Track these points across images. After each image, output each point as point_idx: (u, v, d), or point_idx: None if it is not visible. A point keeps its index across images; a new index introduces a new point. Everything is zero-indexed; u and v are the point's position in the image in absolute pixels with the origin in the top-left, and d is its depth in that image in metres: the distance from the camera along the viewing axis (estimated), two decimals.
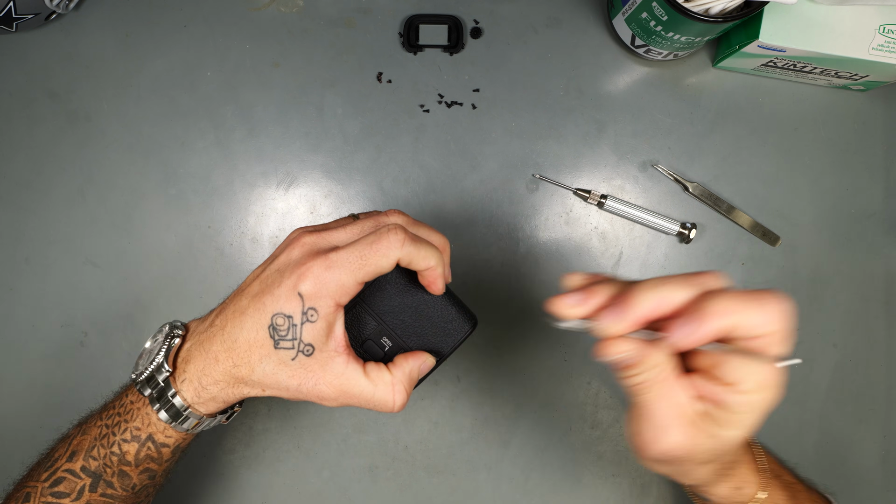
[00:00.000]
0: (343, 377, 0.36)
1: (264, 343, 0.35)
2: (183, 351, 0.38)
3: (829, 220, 0.57)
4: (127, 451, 0.38)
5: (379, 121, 0.57)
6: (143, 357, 0.39)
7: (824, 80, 0.56)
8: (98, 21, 0.56)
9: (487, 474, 0.56)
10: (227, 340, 0.36)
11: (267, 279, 0.36)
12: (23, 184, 0.56)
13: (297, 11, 0.57)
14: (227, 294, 0.39)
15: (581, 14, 0.57)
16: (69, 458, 0.39)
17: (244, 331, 0.36)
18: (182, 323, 0.40)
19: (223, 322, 0.37)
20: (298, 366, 0.36)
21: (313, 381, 0.36)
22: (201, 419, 0.38)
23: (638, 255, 0.57)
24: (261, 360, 0.36)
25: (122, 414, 0.39)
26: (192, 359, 0.37)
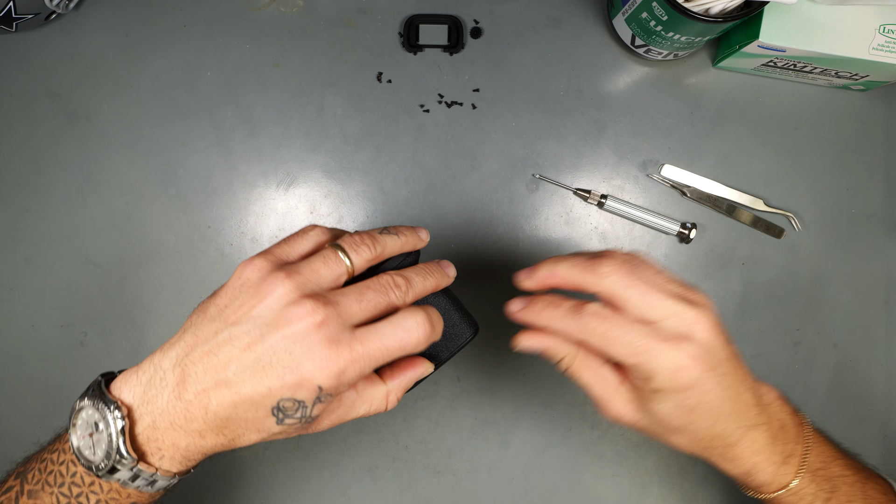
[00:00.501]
0: (339, 410, 0.35)
1: (265, 419, 0.32)
2: (142, 429, 0.32)
3: (829, 220, 0.57)
4: None
5: (379, 121, 0.57)
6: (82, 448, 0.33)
7: (824, 80, 0.56)
8: (98, 21, 0.56)
9: (487, 474, 0.56)
10: (214, 420, 0.31)
11: (263, 356, 0.31)
12: (23, 184, 0.56)
13: (297, 11, 0.57)
14: None
15: (581, 14, 0.57)
16: None
17: (237, 411, 0.31)
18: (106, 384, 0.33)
19: (201, 397, 0.31)
20: (301, 429, 0.34)
21: (312, 427, 0.35)
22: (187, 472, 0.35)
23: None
24: (259, 433, 0.33)
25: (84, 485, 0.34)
26: (164, 437, 0.32)
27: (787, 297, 0.57)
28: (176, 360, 0.32)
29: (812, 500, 0.39)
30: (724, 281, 0.57)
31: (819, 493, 0.39)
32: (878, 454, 0.57)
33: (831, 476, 0.40)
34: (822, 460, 0.40)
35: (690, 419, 0.36)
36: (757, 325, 0.57)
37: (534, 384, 0.56)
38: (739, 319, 0.57)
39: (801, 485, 0.39)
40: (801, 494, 0.39)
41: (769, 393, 0.40)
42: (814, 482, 0.39)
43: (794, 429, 0.40)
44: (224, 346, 0.31)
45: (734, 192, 0.57)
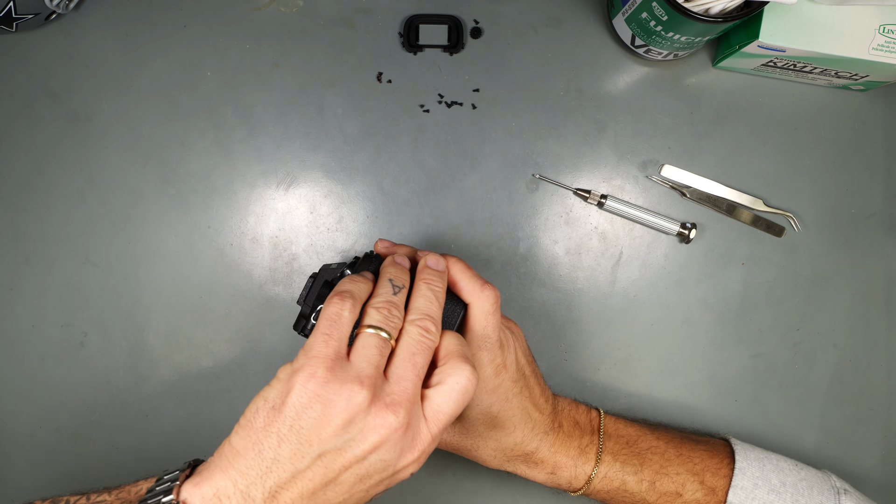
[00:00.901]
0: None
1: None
2: None
3: (829, 220, 0.57)
4: None
5: (379, 121, 0.57)
6: None
7: (824, 80, 0.56)
8: (98, 21, 0.56)
9: (487, 474, 0.56)
10: None
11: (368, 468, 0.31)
12: (23, 184, 0.56)
13: (297, 11, 0.57)
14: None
15: (581, 14, 0.57)
16: None
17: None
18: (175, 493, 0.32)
19: None
20: None
21: None
22: None
23: (638, 255, 0.57)
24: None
25: None
26: None
27: (787, 297, 0.57)
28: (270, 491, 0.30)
29: (622, 478, 0.44)
30: (724, 281, 0.57)
31: (626, 469, 0.44)
32: (878, 454, 0.57)
33: (639, 451, 0.45)
34: (625, 441, 0.45)
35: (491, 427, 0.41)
36: (757, 325, 0.57)
37: None
38: (739, 319, 0.57)
39: (604, 467, 0.44)
40: (609, 476, 0.44)
41: (562, 400, 0.46)
42: (617, 461, 0.44)
43: (589, 424, 0.46)
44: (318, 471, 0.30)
45: (734, 192, 0.57)
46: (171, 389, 0.55)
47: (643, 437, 0.46)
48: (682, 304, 0.57)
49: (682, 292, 0.57)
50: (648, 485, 0.44)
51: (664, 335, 0.57)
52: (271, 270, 0.56)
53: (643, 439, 0.46)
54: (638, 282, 0.57)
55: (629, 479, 0.44)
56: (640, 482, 0.44)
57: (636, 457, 0.44)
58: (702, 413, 0.56)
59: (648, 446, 0.45)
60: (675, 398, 0.56)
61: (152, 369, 0.55)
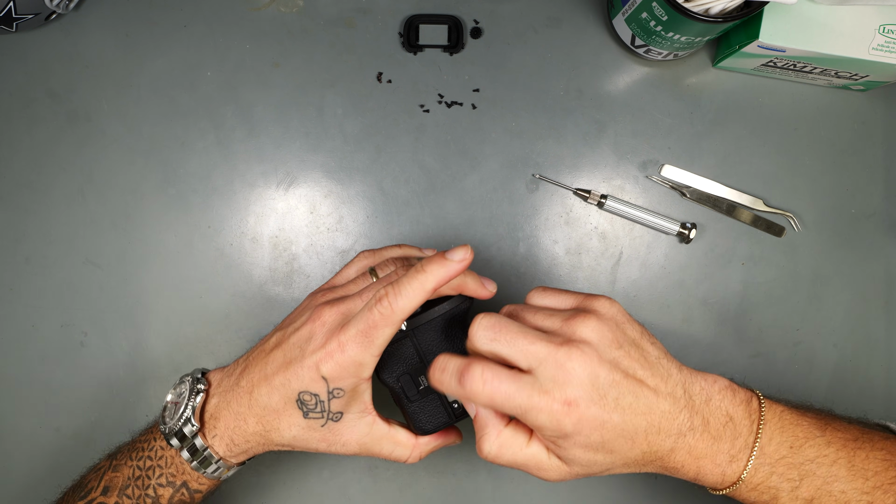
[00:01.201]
0: (368, 436, 0.40)
1: (293, 413, 0.38)
2: (210, 406, 0.40)
3: (829, 220, 0.58)
4: (161, 495, 0.40)
5: (379, 121, 0.57)
6: (167, 410, 0.41)
7: (824, 80, 0.56)
8: (98, 21, 0.56)
9: (487, 474, 0.56)
10: (255, 406, 0.38)
11: (289, 352, 0.37)
12: (23, 184, 0.56)
13: (297, 11, 0.57)
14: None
15: (581, 14, 0.57)
16: (102, 491, 0.41)
17: (272, 400, 0.38)
18: (203, 374, 0.42)
19: (249, 385, 0.38)
20: (327, 430, 0.38)
21: (341, 441, 0.39)
22: (231, 468, 0.41)
23: (638, 255, 0.57)
24: (290, 428, 0.38)
25: (155, 459, 0.40)
26: (221, 417, 0.39)
27: (787, 297, 0.57)
28: (244, 357, 0.40)
29: (774, 491, 0.37)
30: (724, 281, 0.57)
31: (782, 483, 0.37)
32: None
33: (802, 462, 0.37)
34: (788, 445, 0.37)
35: (606, 452, 0.34)
36: (757, 325, 0.57)
37: None
38: (739, 319, 0.57)
39: (758, 478, 0.36)
40: (759, 489, 0.37)
41: (711, 387, 0.37)
42: (774, 473, 0.36)
43: (746, 419, 0.37)
44: (272, 348, 0.39)
45: (734, 192, 0.57)
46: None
47: (811, 442, 0.37)
48: (682, 304, 0.57)
49: (682, 292, 0.57)
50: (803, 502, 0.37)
51: (664, 335, 0.57)
52: (271, 270, 0.56)
53: (810, 444, 0.37)
54: (638, 282, 0.57)
55: (783, 494, 0.37)
56: (794, 500, 0.37)
57: (796, 469, 0.37)
58: None
59: (816, 455, 0.37)
60: None
61: (152, 369, 0.55)
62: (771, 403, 0.38)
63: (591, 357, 0.33)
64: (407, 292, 0.36)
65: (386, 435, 0.40)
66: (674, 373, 0.36)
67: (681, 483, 0.40)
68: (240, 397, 0.38)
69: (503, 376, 0.33)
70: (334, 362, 0.36)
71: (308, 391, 0.37)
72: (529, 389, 0.33)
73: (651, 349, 0.36)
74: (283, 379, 0.37)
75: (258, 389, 0.38)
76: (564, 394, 0.33)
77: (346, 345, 0.36)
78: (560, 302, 0.38)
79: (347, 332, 0.36)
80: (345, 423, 0.39)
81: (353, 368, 0.36)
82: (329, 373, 0.36)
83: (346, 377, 0.37)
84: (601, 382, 0.33)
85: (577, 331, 0.34)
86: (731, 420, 0.36)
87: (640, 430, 0.34)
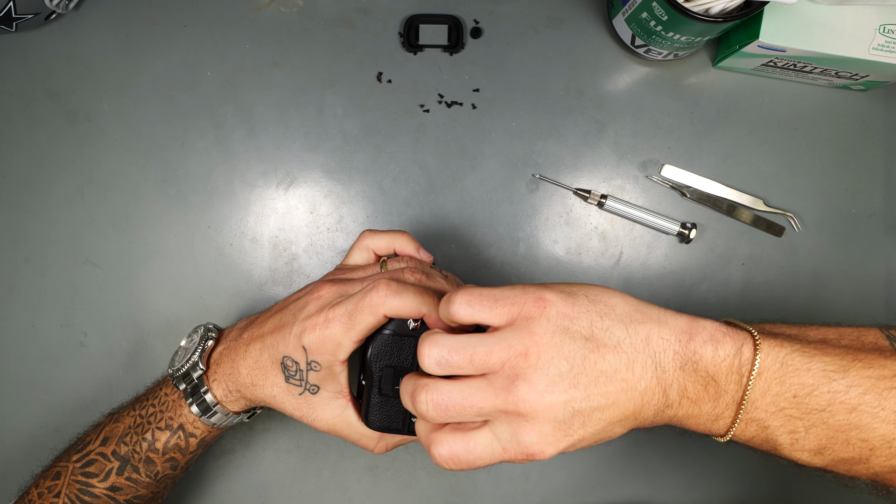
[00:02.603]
0: (338, 418, 0.41)
1: (277, 373, 0.40)
2: (215, 353, 0.43)
3: (829, 220, 0.57)
4: (157, 439, 0.42)
5: (379, 121, 0.57)
6: (178, 354, 0.44)
7: (824, 80, 0.56)
8: (98, 21, 0.56)
9: (487, 474, 0.56)
10: (248, 358, 0.41)
11: (283, 318, 0.40)
12: (23, 184, 0.56)
13: (297, 11, 0.57)
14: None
15: (581, 14, 0.57)
16: (101, 442, 0.43)
17: (262, 356, 0.40)
18: (215, 326, 0.45)
19: (249, 339, 0.41)
20: (303, 400, 0.40)
21: (313, 415, 0.41)
22: (227, 415, 0.43)
23: (638, 255, 0.57)
24: (272, 386, 0.40)
25: (157, 405, 0.43)
26: (222, 363, 0.42)
27: (787, 297, 0.57)
28: (256, 316, 0.44)
29: (773, 446, 0.34)
30: (724, 281, 0.57)
31: (781, 437, 0.34)
32: None
33: (808, 412, 0.33)
34: (790, 397, 0.33)
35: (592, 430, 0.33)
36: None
37: None
38: (739, 319, 0.57)
39: (749, 433, 0.34)
40: (755, 441, 0.34)
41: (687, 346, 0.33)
42: (769, 427, 0.33)
43: (733, 376, 0.33)
44: (274, 311, 0.42)
45: (734, 192, 0.57)
46: None
47: (823, 388, 0.33)
48: (682, 304, 0.57)
49: (682, 292, 0.57)
50: (809, 454, 0.34)
51: None
52: (271, 270, 0.56)
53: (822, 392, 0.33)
54: (638, 282, 0.57)
55: (783, 447, 0.34)
56: (798, 451, 0.34)
57: (800, 420, 0.33)
58: None
59: (828, 403, 0.32)
60: None
61: (152, 369, 0.55)
62: (773, 347, 0.33)
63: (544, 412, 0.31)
64: (405, 298, 0.37)
65: (355, 423, 0.42)
66: (640, 349, 0.32)
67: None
68: (238, 348, 0.41)
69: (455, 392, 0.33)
70: (315, 335, 0.38)
71: (290, 357, 0.39)
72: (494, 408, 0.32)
73: (607, 335, 0.32)
74: (272, 340, 0.40)
75: (253, 344, 0.41)
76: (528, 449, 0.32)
77: (330, 322, 0.37)
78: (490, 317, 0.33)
79: (335, 310, 0.38)
80: (320, 398, 0.40)
81: (331, 346, 0.38)
82: (308, 344, 0.38)
83: (323, 353, 0.38)
84: (561, 418, 0.31)
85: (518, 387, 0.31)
86: (713, 380, 0.33)
87: (615, 430, 0.34)
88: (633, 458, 0.57)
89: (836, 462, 0.34)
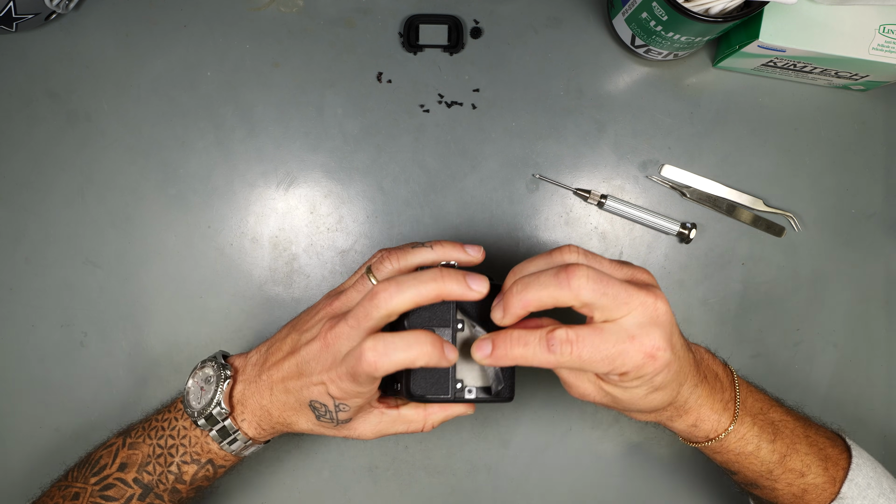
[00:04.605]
0: (380, 425, 0.43)
1: (307, 412, 0.41)
2: (237, 392, 0.43)
3: (829, 220, 0.58)
4: (185, 472, 0.43)
5: (379, 121, 0.57)
6: (191, 394, 0.43)
7: (824, 80, 0.56)
8: (98, 21, 0.56)
9: (487, 474, 0.56)
10: (275, 401, 0.41)
11: (302, 366, 0.40)
12: (23, 184, 0.56)
13: (297, 11, 0.57)
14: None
15: (581, 14, 0.57)
16: (119, 468, 0.43)
17: (289, 399, 0.41)
18: (224, 356, 0.44)
19: (269, 382, 0.42)
20: (340, 427, 0.42)
21: (355, 434, 0.43)
22: (258, 444, 0.44)
23: (638, 255, 0.57)
24: (307, 422, 0.42)
25: (177, 437, 0.43)
26: (248, 404, 0.42)
27: (787, 297, 0.57)
28: (265, 349, 0.43)
29: (757, 443, 0.42)
30: (724, 281, 0.57)
31: (763, 436, 0.42)
32: (878, 454, 0.56)
33: (772, 420, 0.43)
34: (759, 406, 0.43)
35: (655, 395, 0.38)
36: (757, 325, 0.57)
37: (534, 384, 0.56)
38: (739, 319, 0.57)
39: (744, 428, 0.42)
40: (746, 438, 0.42)
41: (699, 350, 0.42)
42: (755, 425, 0.42)
43: (726, 378, 0.43)
44: (287, 354, 0.41)
45: (734, 192, 0.57)
46: (171, 389, 0.55)
47: (773, 408, 0.44)
48: (682, 304, 0.57)
49: (682, 292, 0.57)
50: (779, 457, 0.42)
51: None
52: (271, 270, 0.56)
53: (773, 410, 0.44)
54: None
55: (764, 445, 0.42)
56: (773, 452, 0.42)
57: (771, 426, 0.43)
58: None
59: (780, 418, 0.44)
60: None
61: (152, 369, 0.55)
62: (736, 374, 0.44)
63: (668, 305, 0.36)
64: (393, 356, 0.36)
65: (396, 418, 0.43)
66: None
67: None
68: (261, 391, 0.42)
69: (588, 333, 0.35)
70: (338, 388, 0.38)
71: (318, 401, 0.40)
72: (622, 337, 0.35)
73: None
74: (296, 385, 0.40)
75: (276, 388, 0.41)
76: (656, 340, 0.35)
77: (344, 377, 0.37)
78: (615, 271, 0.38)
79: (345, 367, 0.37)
80: (355, 422, 0.42)
81: (354, 393, 0.38)
82: (336, 394, 0.39)
83: (351, 398, 0.39)
84: (673, 332, 0.37)
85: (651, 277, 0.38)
86: (717, 377, 0.42)
87: (682, 380, 0.38)
88: (634, 459, 0.57)
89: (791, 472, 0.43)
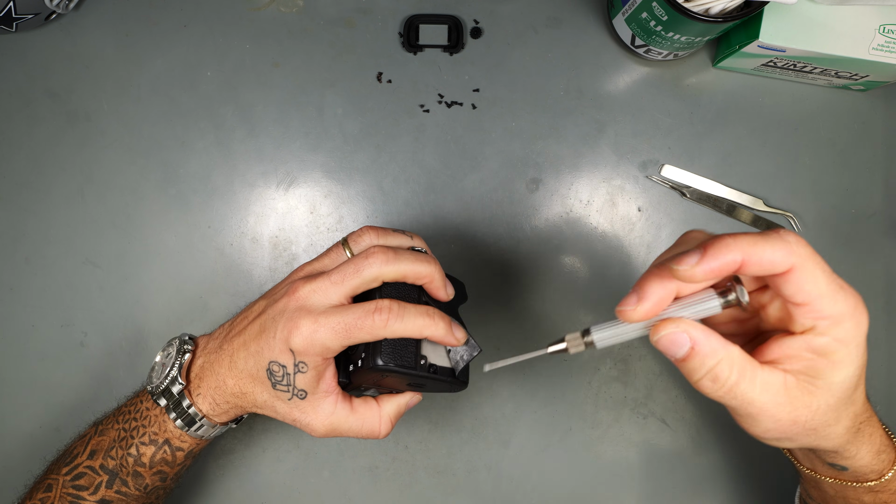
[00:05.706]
0: (333, 416, 0.40)
1: (264, 381, 0.39)
2: (195, 367, 0.42)
3: (829, 220, 0.57)
4: (143, 454, 0.42)
5: (379, 121, 0.57)
6: (154, 370, 0.43)
7: (824, 80, 0.56)
8: (98, 21, 0.56)
9: (487, 474, 0.56)
10: (234, 369, 0.40)
11: (265, 323, 0.39)
12: (23, 184, 0.56)
13: (297, 11, 0.57)
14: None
15: (581, 14, 0.57)
16: (89, 455, 0.43)
17: (248, 364, 0.39)
18: (190, 337, 0.43)
19: (230, 350, 0.41)
20: (293, 405, 0.40)
21: (306, 418, 0.40)
22: (213, 427, 0.42)
23: (638, 254, 0.57)
24: (261, 393, 0.40)
25: (139, 419, 0.42)
26: (205, 376, 0.41)
27: None
28: (229, 323, 0.42)
29: None
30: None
31: None
32: None
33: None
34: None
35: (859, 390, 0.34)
36: None
37: (534, 384, 0.56)
38: None
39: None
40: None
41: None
42: None
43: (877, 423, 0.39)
44: (254, 317, 0.40)
45: (734, 192, 0.57)
46: None
47: None
48: None
49: None
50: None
51: None
52: (271, 270, 0.56)
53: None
54: None
55: None
56: None
57: None
58: (701, 414, 0.56)
59: None
60: (675, 398, 0.56)
61: None
62: None
63: None
64: (407, 321, 0.37)
65: (351, 412, 0.41)
66: None
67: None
68: (221, 359, 0.41)
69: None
70: (303, 337, 0.37)
71: (277, 361, 0.38)
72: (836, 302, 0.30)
73: None
74: (257, 346, 0.39)
75: (237, 354, 0.40)
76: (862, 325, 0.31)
77: (321, 328, 0.37)
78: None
79: (330, 319, 0.37)
80: (309, 402, 0.40)
81: (320, 349, 0.37)
82: (297, 346, 0.37)
83: (312, 354, 0.38)
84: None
85: None
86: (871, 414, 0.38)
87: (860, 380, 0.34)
88: (634, 459, 0.57)
89: None
